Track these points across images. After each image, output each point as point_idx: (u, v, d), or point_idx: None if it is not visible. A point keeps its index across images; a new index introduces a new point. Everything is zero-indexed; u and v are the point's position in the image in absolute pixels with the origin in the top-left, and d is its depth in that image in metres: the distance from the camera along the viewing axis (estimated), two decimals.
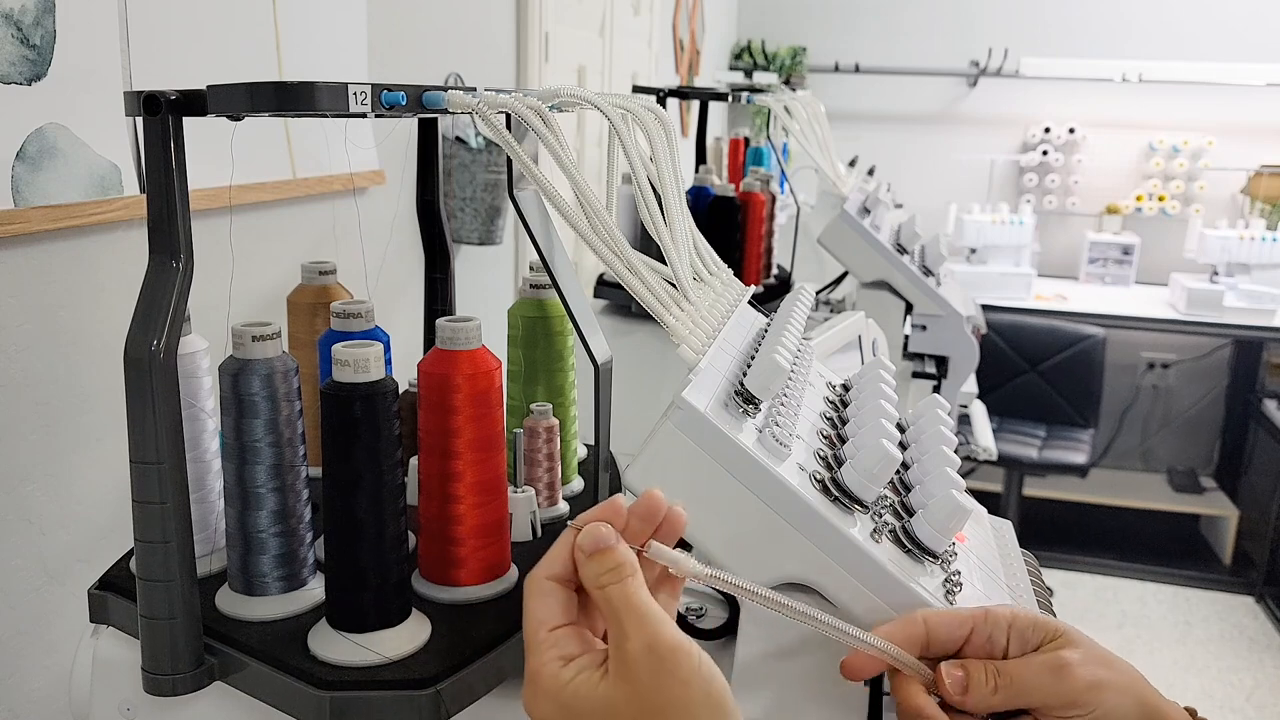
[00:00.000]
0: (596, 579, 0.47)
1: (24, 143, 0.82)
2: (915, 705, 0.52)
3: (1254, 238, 3.62)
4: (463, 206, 1.59)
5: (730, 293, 0.83)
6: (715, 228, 1.43)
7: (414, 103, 0.56)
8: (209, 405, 0.66)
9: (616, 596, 0.47)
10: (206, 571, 0.67)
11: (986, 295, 3.58)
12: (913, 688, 0.53)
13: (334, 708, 0.55)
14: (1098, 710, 0.50)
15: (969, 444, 1.97)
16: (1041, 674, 0.51)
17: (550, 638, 0.48)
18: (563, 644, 0.48)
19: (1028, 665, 0.52)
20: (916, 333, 1.56)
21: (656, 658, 0.45)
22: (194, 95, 0.52)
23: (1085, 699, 0.50)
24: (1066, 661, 0.51)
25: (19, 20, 0.81)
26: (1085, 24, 4.13)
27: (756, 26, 4.41)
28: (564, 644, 0.48)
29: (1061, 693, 0.50)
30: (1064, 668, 0.51)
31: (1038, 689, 0.51)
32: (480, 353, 0.65)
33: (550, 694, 0.47)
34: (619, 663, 0.46)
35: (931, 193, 4.22)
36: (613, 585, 0.47)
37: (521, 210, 0.69)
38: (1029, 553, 0.76)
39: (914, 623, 0.53)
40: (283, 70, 1.17)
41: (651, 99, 0.80)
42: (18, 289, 0.84)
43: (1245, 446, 4.02)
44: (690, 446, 0.57)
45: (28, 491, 0.87)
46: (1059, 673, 0.50)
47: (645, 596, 0.47)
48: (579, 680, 0.47)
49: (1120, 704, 0.51)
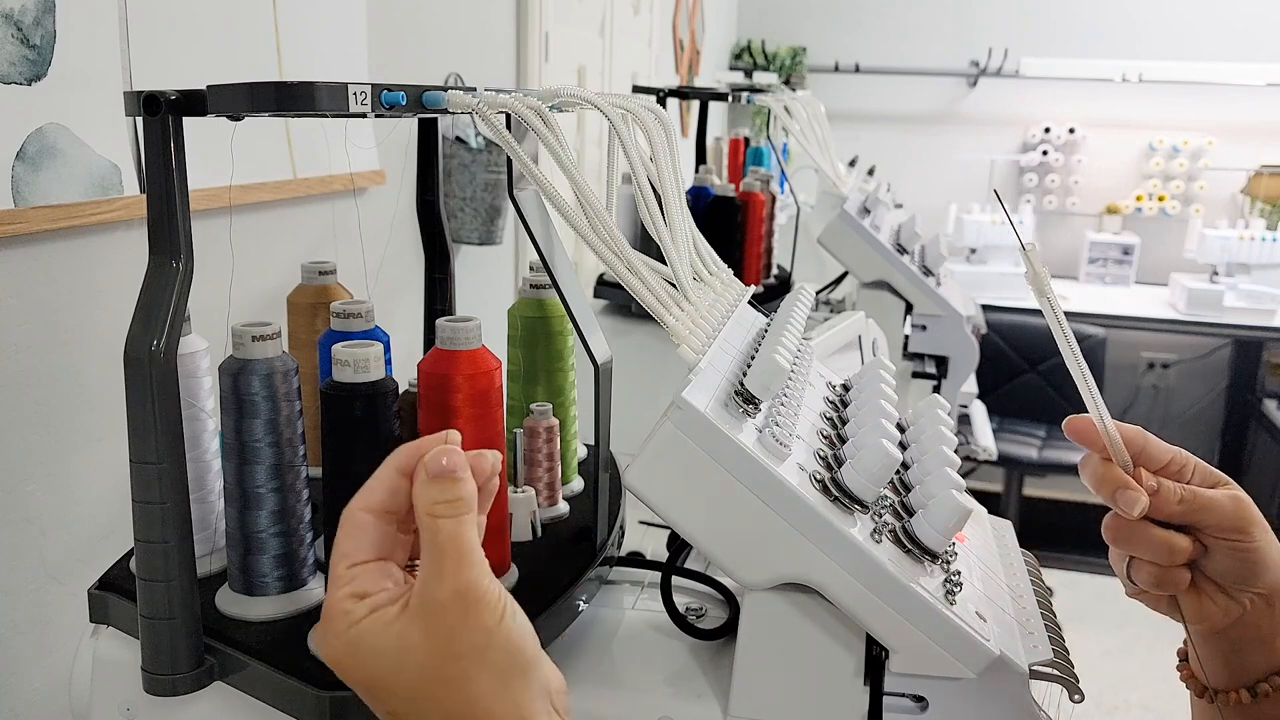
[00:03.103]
0: (431, 505, 0.44)
1: (24, 143, 0.82)
2: (1113, 475, 0.60)
3: (1254, 238, 3.63)
4: (463, 206, 1.58)
5: (730, 293, 0.83)
6: (715, 228, 1.43)
7: (414, 103, 0.56)
8: (209, 405, 0.66)
9: (446, 530, 0.44)
10: (206, 571, 0.67)
11: (986, 295, 3.58)
12: (1113, 467, 0.60)
13: (334, 708, 0.55)
14: (1255, 543, 0.59)
15: (969, 444, 1.97)
16: (1222, 499, 0.59)
17: (349, 574, 0.45)
18: (361, 580, 0.45)
19: (1212, 491, 0.60)
20: (916, 333, 1.56)
21: (464, 604, 0.44)
22: (194, 95, 0.52)
23: (1249, 530, 0.59)
24: (1243, 497, 0.61)
25: (19, 20, 0.81)
26: (1085, 24, 4.13)
27: (756, 26, 4.41)
28: (362, 580, 0.45)
29: (1236, 515, 0.59)
30: (1241, 500, 0.60)
31: (1216, 509, 0.59)
32: (480, 353, 0.65)
33: (338, 631, 0.44)
34: (423, 602, 0.44)
35: (931, 193, 4.22)
36: (447, 518, 0.44)
37: (521, 210, 0.69)
38: (1029, 553, 0.76)
39: (1139, 431, 0.61)
40: (283, 70, 1.17)
41: (651, 99, 0.80)
42: (18, 289, 0.84)
43: (1245, 446, 4.02)
44: (690, 446, 0.57)
45: (28, 491, 0.87)
46: (1237, 502, 0.59)
47: (474, 539, 0.45)
48: (371, 619, 0.44)
49: (1271, 545, 0.60)
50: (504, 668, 0.44)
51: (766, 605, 0.61)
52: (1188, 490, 0.59)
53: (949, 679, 0.59)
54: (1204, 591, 0.61)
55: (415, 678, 0.44)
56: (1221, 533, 0.59)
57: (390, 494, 0.46)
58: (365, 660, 0.44)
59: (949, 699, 0.59)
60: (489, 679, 0.44)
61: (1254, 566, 0.59)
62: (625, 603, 0.74)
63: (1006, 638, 0.61)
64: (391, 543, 0.47)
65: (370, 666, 0.44)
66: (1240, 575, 0.60)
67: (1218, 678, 0.64)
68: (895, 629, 0.58)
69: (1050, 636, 0.63)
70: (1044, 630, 0.64)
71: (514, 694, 0.44)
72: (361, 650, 0.44)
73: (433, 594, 0.44)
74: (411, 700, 0.44)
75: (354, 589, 0.45)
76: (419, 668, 0.44)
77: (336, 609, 0.45)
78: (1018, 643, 0.61)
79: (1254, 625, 0.61)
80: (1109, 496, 0.60)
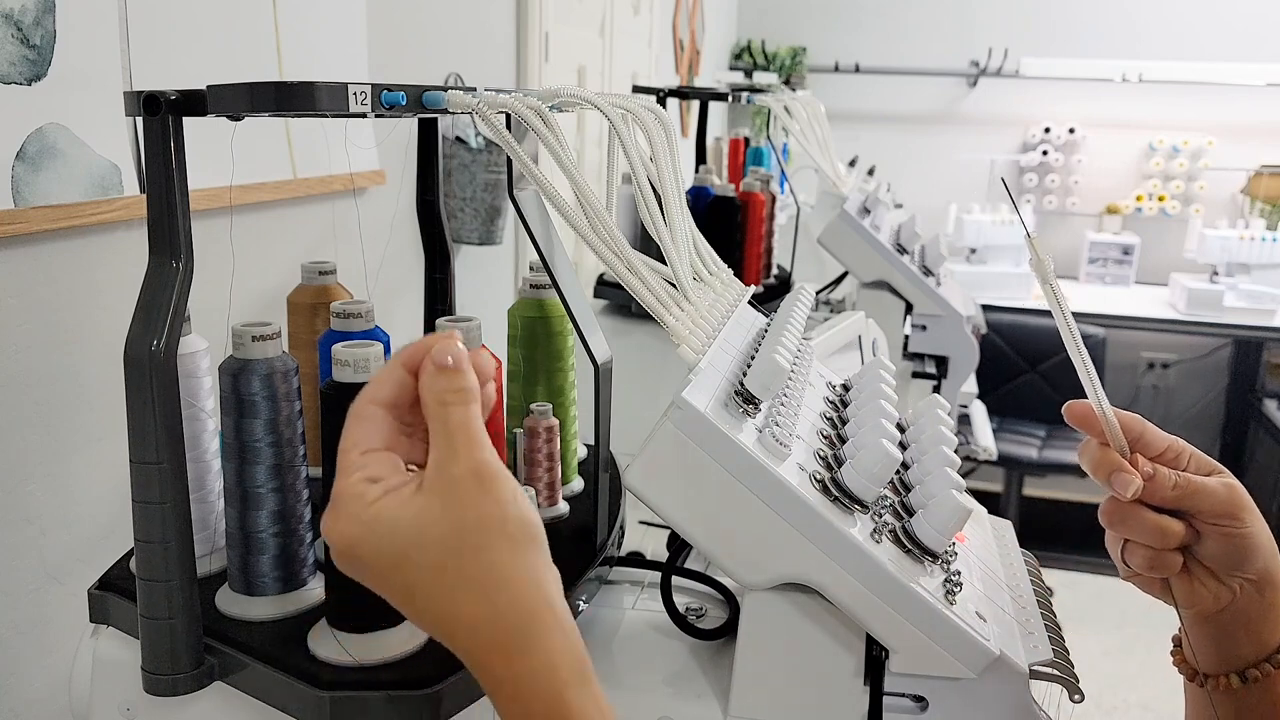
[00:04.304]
0: (441, 394, 0.46)
1: (24, 143, 0.82)
2: (1109, 459, 0.61)
3: (1254, 238, 3.62)
4: (463, 206, 1.58)
5: (730, 293, 0.83)
6: (715, 228, 1.43)
7: (414, 103, 0.56)
8: (209, 405, 0.66)
9: (457, 416, 0.46)
10: (206, 571, 0.67)
11: (986, 295, 3.58)
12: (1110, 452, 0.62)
13: (334, 708, 0.55)
14: (1246, 529, 0.60)
15: (969, 444, 1.97)
16: (1215, 485, 0.60)
17: (361, 460, 0.47)
18: (372, 466, 0.47)
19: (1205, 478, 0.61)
20: (916, 333, 1.56)
21: (479, 480, 0.45)
22: (194, 95, 0.52)
23: (1242, 516, 0.60)
24: (1236, 484, 0.62)
25: (19, 20, 0.81)
26: (1085, 24, 4.12)
27: (756, 26, 4.41)
28: (374, 466, 0.47)
29: (1228, 501, 0.60)
30: (1234, 486, 0.61)
31: (1209, 495, 0.60)
32: (480, 353, 0.65)
33: (353, 514, 0.45)
34: (438, 481, 0.46)
35: (931, 193, 4.22)
36: (456, 405, 0.46)
37: (521, 210, 0.69)
38: (1029, 553, 0.76)
39: (1137, 419, 0.63)
40: (283, 70, 1.17)
41: (651, 99, 0.80)
42: (18, 289, 0.84)
43: (1245, 446, 4.02)
44: (690, 446, 0.57)
45: (28, 491, 0.87)
46: (1229, 489, 0.61)
47: (481, 425, 0.47)
48: (387, 499, 0.45)
49: (1262, 532, 0.61)
50: (519, 538, 0.46)
51: (766, 605, 0.61)
52: (1182, 476, 0.61)
53: (949, 679, 0.59)
54: (1195, 576, 0.62)
55: (437, 548, 0.45)
56: (1214, 518, 0.60)
57: (397, 388, 0.48)
58: (384, 538, 0.45)
59: (949, 699, 0.59)
60: (506, 547, 0.45)
61: (1245, 552, 0.60)
62: (625, 603, 0.75)
63: (1006, 638, 0.61)
64: (397, 437, 0.49)
65: (389, 543, 0.45)
66: (1231, 560, 0.61)
67: (1209, 663, 0.65)
68: (895, 629, 0.58)
69: (1050, 636, 0.63)
70: (1044, 630, 0.64)
71: (530, 560, 0.46)
72: (380, 528, 0.45)
73: (448, 472, 0.45)
74: (433, 570, 0.45)
75: (367, 474, 0.46)
76: (440, 539, 0.45)
77: (350, 493, 0.46)
78: (1018, 643, 0.61)
79: (1244, 611, 0.62)
80: (1104, 479, 0.61)
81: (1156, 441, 0.63)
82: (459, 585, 0.45)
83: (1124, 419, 0.62)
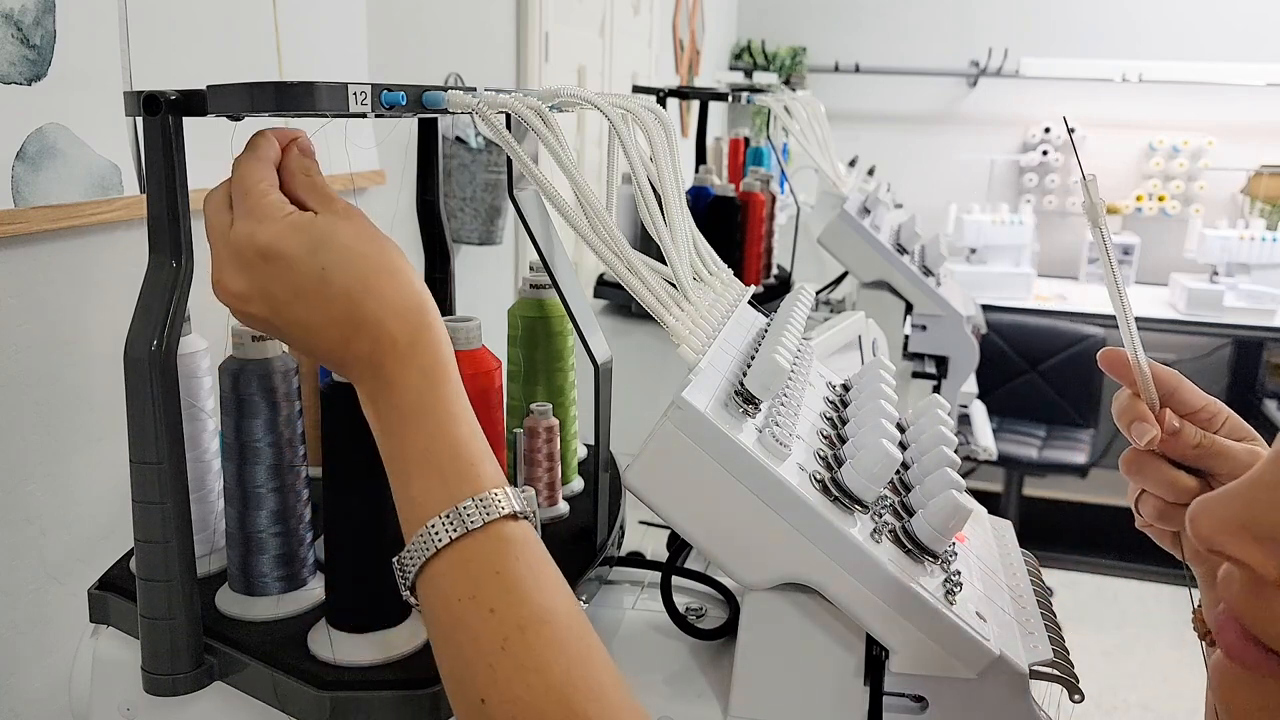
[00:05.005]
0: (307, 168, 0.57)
1: (24, 143, 0.82)
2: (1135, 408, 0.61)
3: (1254, 238, 3.62)
4: (463, 206, 1.58)
5: (730, 293, 0.83)
6: (715, 228, 1.43)
7: (414, 103, 0.56)
8: (209, 405, 0.66)
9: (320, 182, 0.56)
10: (206, 571, 0.67)
11: (986, 295, 3.58)
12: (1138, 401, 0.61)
13: (334, 708, 0.55)
14: None
15: (969, 444, 1.97)
16: (1238, 449, 0.60)
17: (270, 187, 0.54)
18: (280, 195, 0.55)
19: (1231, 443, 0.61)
20: (916, 333, 1.56)
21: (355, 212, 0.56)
22: (194, 95, 0.52)
23: None
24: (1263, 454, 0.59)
25: (19, 20, 0.81)
26: (1085, 24, 4.12)
27: (756, 26, 4.41)
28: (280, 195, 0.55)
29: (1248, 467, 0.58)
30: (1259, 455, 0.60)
31: (1230, 457, 0.60)
32: (480, 353, 0.65)
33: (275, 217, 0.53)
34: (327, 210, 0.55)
35: (931, 193, 4.22)
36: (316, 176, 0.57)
37: (521, 210, 0.69)
38: (1029, 553, 0.76)
39: (1174, 374, 0.62)
40: (283, 70, 1.17)
41: (651, 99, 0.80)
42: (18, 289, 0.84)
43: None
44: (690, 446, 0.57)
45: (28, 491, 0.87)
46: (1253, 455, 0.60)
47: None
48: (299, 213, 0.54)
49: None
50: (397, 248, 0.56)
51: (766, 605, 0.61)
52: (1206, 436, 0.61)
53: (949, 679, 0.59)
54: None
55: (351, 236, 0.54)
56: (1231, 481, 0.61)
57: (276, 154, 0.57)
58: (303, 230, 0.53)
59: (949, 699, 0.59)
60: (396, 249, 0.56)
61: None
62: (625, 603, 0.75)
63: (1006, 638, 0.61)
64: None
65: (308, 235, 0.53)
66: None
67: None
68: (895, 629, 0.58)
69: (1050, 636, 0.63)
70: (1044, 630, 0.64)
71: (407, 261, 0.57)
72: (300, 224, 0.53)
73: (333, 207, 0.55)
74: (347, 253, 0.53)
75: (278, 197, 0.54)
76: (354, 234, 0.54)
77: (269, 200, 0.54)
78: (1018, 643, 0.61)
79: None
80: (1125, 426, 0.62)
81: (1192, 399, 0.63)
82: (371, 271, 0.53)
83: (1160, 373, 0.63)
